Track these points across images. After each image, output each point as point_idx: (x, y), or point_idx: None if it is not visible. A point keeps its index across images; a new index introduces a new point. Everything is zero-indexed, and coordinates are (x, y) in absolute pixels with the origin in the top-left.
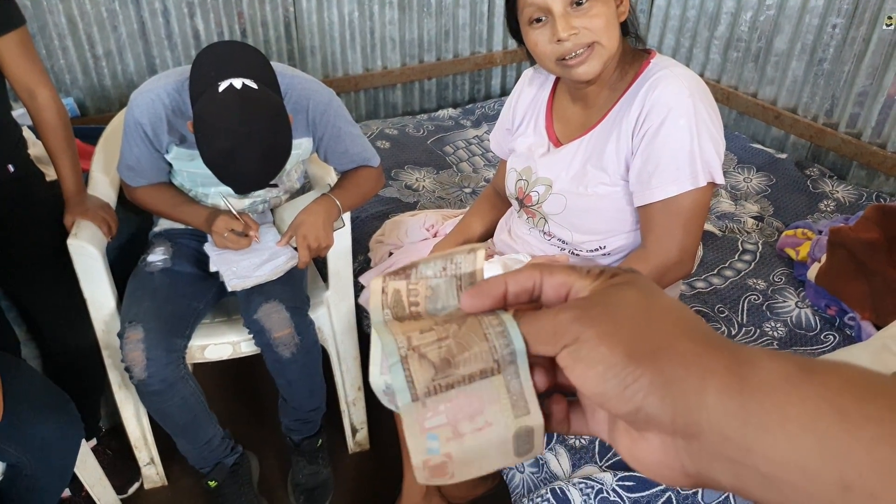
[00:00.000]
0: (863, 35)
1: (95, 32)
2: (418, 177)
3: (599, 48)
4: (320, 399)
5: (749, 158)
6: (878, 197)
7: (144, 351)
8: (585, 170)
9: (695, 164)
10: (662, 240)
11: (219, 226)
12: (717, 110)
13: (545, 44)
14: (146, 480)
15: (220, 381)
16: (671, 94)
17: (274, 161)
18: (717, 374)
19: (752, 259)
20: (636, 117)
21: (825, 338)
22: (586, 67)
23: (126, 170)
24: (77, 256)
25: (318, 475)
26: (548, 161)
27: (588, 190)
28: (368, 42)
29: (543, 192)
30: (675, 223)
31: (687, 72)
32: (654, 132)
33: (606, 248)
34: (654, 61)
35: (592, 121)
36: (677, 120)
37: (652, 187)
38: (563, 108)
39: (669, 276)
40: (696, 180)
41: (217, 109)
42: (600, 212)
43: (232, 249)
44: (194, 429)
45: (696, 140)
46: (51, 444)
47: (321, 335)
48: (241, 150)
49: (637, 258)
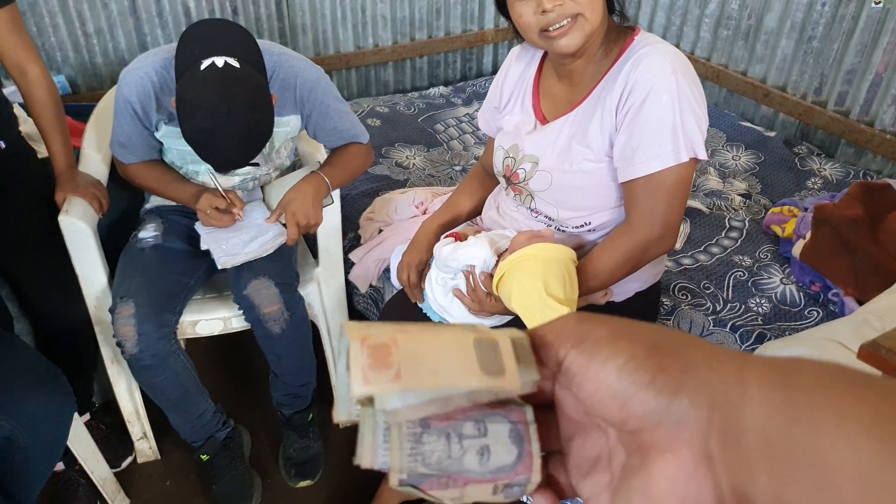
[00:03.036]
0: (852, 13)
1: (86, 9)
2: (409, 154)
3: (582, 20)
4: (310, 374)
5: (738, 136)
6: (865, 175)
7: (135, 326)
8: (571, 147)
9: (677, 139)
10: (646, 215)
11: (202, 203)
12: (700, 86)
13: (529, 15)
14: (139, 454)
15: (212, 357)
16: (654, 71)
17: (254, 140)
18: (756, 367)
19: (738, 236)
20: (619, 94)
21: (809, 313)
22: (568, 40)
23: (118, 147)
24: (68, 233)
25: (308, 449)
26: (534, 138)
27: (573, 167)
28: (360, 20)
29: (530, 170)
30: (658, 198)
31: (670, 48)
32: (637, 108)
33: (591, 224)
34: (637, 38)
35: (578, 98)
36: (660, 96)
37: (635, 163)
38: (549, 85)
39: (652, 250)
40: (678, 156)
41: (198, 87)
42: (585, 188)
43: (217, 227)
44: (186, 403)
45: (678, 116)
46: (42, 417)
47: (311, 311)
48: (220, 128)
49: (621, 233)
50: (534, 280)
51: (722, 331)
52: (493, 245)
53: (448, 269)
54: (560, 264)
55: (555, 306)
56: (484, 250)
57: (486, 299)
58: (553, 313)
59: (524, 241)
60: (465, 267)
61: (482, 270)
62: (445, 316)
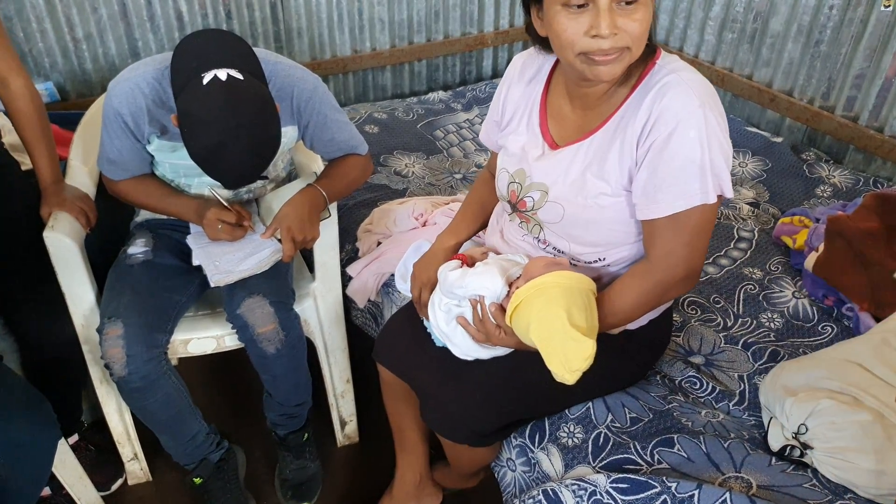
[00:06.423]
0: (860, 16)
1: (75, 14)
2: (408, 162)
3: (628, 54)
4: (306, 393)
5: (744, 142)
6: (875, 182)
7: (124, 347)
8: (585, 178)
9: (705, 178)
10: (668, 255)
11: (210, 218)
12: (724, 116)
13: (577, 33)
14: (130, 476)
15: (205, 374)
16: (680, 103)
17: (263, 154)
18: None
19: (748, 247)
20: (642, 126)
21: (823, 329)
22: (610, 69)
23: (107, 164)
24: (54, 249)
25: (305, 470)
26: (544, 165)
27: (587, 200)
28: (357, 23)
29: (539, 199)
30: (681, 238)
31: (696, 76)
32: (663, 144)
33: (606, 259)
34: (659, 62)
35: (592, 124)
36: (687, 132)
37: (658, 201)
38: (559, 106)
39: (673, 291)
40: (706, 196)
41: (202, 103)
42: (601, 223)
43: (226, 241)
44: (178, 425)
45: (706, 153)
46: (26, 445)
47: (308, 327)
48: (229, 144)
49: (641, 272)
50: (557, 308)
51: (734, 348)
52: (505, 273)
53: (453, 296)
54: (582, 294)
55: (578, 337)
56: (494, 280)
57: (495, 332)
58: (575, 344)
59: (541, 269)
60: (472, 296)
61: (492, 301)
62: (447, 343)
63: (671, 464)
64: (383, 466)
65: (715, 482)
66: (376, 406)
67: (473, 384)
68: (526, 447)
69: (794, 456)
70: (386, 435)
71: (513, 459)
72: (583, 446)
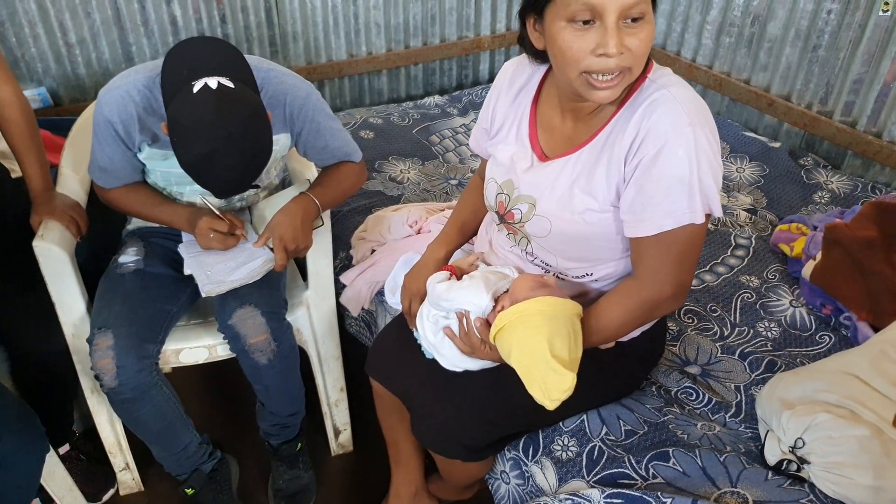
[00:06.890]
0: (858, 21)
1: (68, 19)
2: (403, 168)
3: (629, 74)
4: (299, 403)
5: (742, 147)
6: (873, 187)
7: (114, 358)
8: (572, 192)
9: (693, 197)
10: (656, 273)
11: (202, 227)
12: (716, 134)
13: (582, 51)
14: (122, 486)
15: (198, 384)
16: (669, 121)
17: (255, 163)
18: None
19: (745, 255)
20: (630, 143)
21: (820, 338)
22: (610, 93)
23: (99, 172)
24: (43, 259)
25: (298, 480)
26: (532, 177)
27: (574, 216)
28: (352, 27)
29: (527, 212)
30: (669, 257)
31: (686, 92)
32: (650, 162)
33: (594, 275)
34: (650, 77)
35: (581, 138)
36: (675, 151)
37: (645, 219)
38: (548, 116)
39: (661, 308)
40: (694, 215)
41: (193, 111)
42: (588, 239)
43: (218, 249)
44: (169, 436)
45: (695, 172)
46: (13, 459)
47: (301, 336)
48: (220, 153)
49: (628, 289)
50: (539, 337)
51: (730, 358)
52: (491, 288)
53: (440, 308)
54: (567, 322)
55: (558, 369)
56: (480, 296)
57: (480, 346)
58: (556, 376)
59: (527, 291)
60: (458, 309)
61: (478, 316)
62: (435, 354)
63: (666, 478)
64: (378, 475)
65: (710, 497)
66: (370, 415)
67: (464, 399)
68: (520, 460)
69: (791, 470)
70: (380, 444)
71: (507, 472)
72: (577, 460)
